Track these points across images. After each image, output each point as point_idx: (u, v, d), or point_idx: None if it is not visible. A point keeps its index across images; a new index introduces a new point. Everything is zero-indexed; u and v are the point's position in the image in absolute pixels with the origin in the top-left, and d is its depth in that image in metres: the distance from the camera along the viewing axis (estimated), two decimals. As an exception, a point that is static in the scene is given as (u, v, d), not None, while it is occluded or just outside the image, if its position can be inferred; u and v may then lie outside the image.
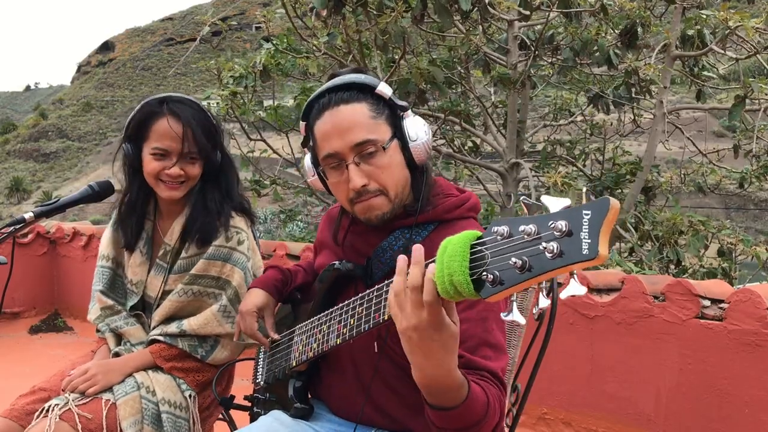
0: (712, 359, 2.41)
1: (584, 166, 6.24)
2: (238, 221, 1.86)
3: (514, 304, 0.90)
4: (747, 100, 4.64)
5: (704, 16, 4.62)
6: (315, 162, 1.42)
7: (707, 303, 2.45)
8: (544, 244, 0.80)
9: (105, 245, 1.96)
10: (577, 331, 2.74)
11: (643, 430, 2.59)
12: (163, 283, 1.85)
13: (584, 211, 0.79)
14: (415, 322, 1.00)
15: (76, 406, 1.63)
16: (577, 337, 2.75)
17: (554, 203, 0.83)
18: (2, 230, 1.64)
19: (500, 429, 1.21)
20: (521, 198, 0.89)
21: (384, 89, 1.35)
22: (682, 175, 6.16)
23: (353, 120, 1.32)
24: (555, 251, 0.79)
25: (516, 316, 0.89)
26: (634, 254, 5.00)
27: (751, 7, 5.35)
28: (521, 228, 0.84)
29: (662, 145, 5.25)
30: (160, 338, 1.81)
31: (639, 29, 4.59)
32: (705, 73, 5.22)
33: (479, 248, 0.91)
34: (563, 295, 0.83)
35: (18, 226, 1.64)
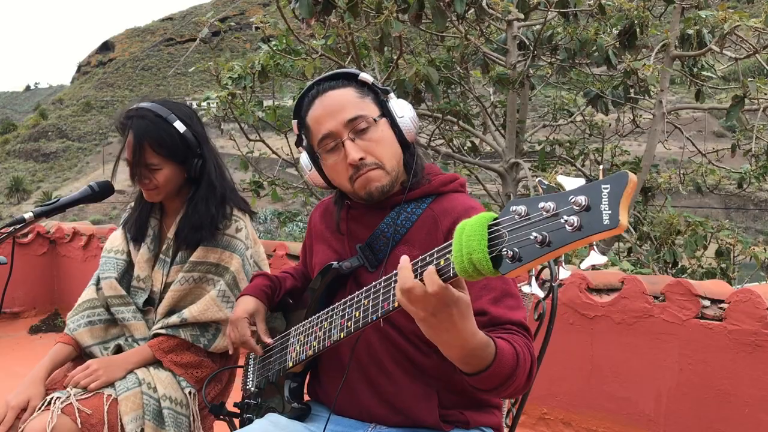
0: (712, 359, 2.41)
1: (583, 166, 6.24)
2: (237, 211, 1.91)
3: (533, 278, 0.92)
4: (746, 100, 4.64)
5: (703, 17, 4.62)
6: (311, 153, 1.48)
7: (707, 303, 2.45)
8: (565, 218, 0.82)
9: (118, 241, 1.99)
10: (577, 331, 2.75)
11: (643, 430, 2.59)
12: (165, 276, 1.88)
13: (603, 185, 0.81)
14: (426, 312, 1.06)
15: (77, 400, 1.64)
16: (577, 337, 2.75)
17: (570, 182, 0.85)
18: (2, 230, 1.65)
19: (534, 373, 1.26)
20: (537, 180, 0.91)
21: (366, 76, 1.45)
22: (682, 175, 6.16)
23: (342, 100, 1.41)
24: (575, 224, 0.81)
25: (535, 289, 0.92)
26: (632, 254, 5.00)
27: (750, 7, 5.35)
28: (540, 205, 0.86)
29: (662, 145, 5.25)
30: (162, 331, 1.82)
31: (638, 29, 4.58)
32: (704, 72, 5.21)
33: (496, 228, 0.93)
34: (584, 265, 0.85)
35: (18, 226, 1.65)
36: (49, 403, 1.64)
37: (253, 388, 1.63)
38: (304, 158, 1.51)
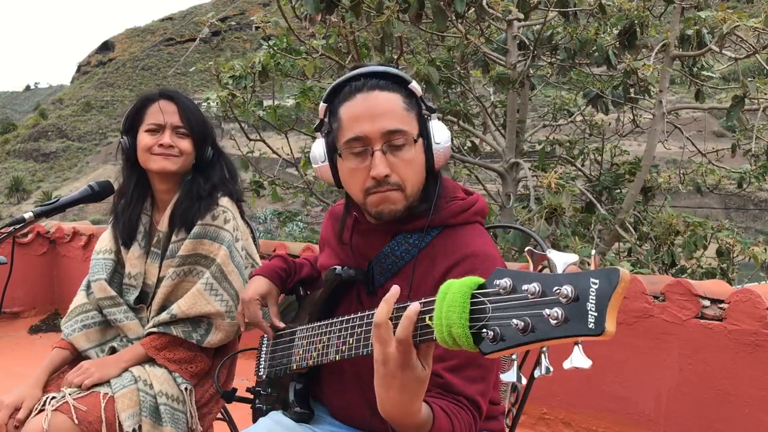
0: (712, 359, 2.41)
1: (583, 165, 6.23)
2: (226, 202, 1.91)
3: (515, 363, 0.87)
4: (746, 100, 4.64)
5: (702, 17, 4.62)
6: (332, 147, 1.35)
7: (707, 303, 2.45)
8: (547, 311, 0.77)
9: (107, 241, 1.98)
10: (577, 331, 2.74)
11: (643, 430, 2.59)
12: (159, 270, 1.88)
13: (592, 279, 0.75)
14: (381, 357, 1.00)
15: (73, 399, 1.65)
16: (576, 337, 2.75)
17: (560, 258, 0.81)
18: (2, 230, 1.65)
19: None
20: (526, 249, 0.86)
21: (416, 87, 1.33)
22: (682, 175, 6.15)
23: (388, 107, 1.29)
24: (560, 318, 0.76)
25: (515, 377, 0.87)
26: (632, 254, 5.00)
27: (750, 7, 5.35)
28: (524, 287, 0.81)
29: (662, 145, 5.25)
30: (155, 330, 1.82)
31: (638, 29, 4.58)
32: (704, 72, 5.21)
33: (481, 298, 0.87)
34: (566, 365, 0.80)
35: (18, 226, 1.65)
36: (45, 404, 1.64)
37: (264, 376, 1.62)
38: (318, 147, 1.38)
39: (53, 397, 1.66)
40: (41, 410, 1.64)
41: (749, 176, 5.72)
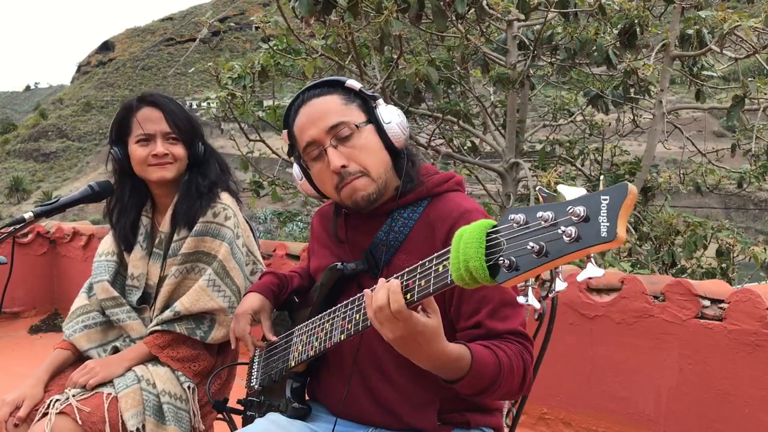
0: (712, 359, 2.41)
1: (583, 165, 6.23)
2: (226, 198, 1.92)
3: (530, 289, 0.91)
4: (746, 100, 4.64)
5: (702, 17, 4.62)
6: (299, 162, 1.48)
7: (707, 303, 2.45)
8: (562, 228, 0.82)
9: (109, 244, 2.00)
10: (577, 331, 2.75)
11: (643, 430, 2.59)
12: (161, 270, 1.89)
13: (602, 197, 0.80)
14: (394, 335, 1.12)
15: (77, 400, 1.65)
16: (577, 337, 2.75)
17: (570, 192, 0.85)
18: (2, 230, 1.65)
19: (529, 377, 1.29)
20: (538, 189, 0.90)
21: (353, 83, 1.44)
22: (682, 175, 6.15)
23: (325, 108, 1.41)
24: (573, 235, 0.80)
25: (532, 300, 0.91)
26: (632, 255, 4.99)
27: (750, 7, 5.34)
28: (539, 214, 0.85)
29: (662, 145, 5.25)
30: (158, 328, 1.83)
31: (638, 29, 4.58)
32: (704, 72, 5.21)
33: (495, 236, 0.92)
34: (580, 277, 0.84)
35: (18, 226, 1.65)
36: (49, 406, 1.64)
37: (257, 386, 1.63)
38: (295, 168, 1.52)
39: (57, 400, 1.66)
40: (45, 413, 1.64)
41: (749, 176, 5.72)
